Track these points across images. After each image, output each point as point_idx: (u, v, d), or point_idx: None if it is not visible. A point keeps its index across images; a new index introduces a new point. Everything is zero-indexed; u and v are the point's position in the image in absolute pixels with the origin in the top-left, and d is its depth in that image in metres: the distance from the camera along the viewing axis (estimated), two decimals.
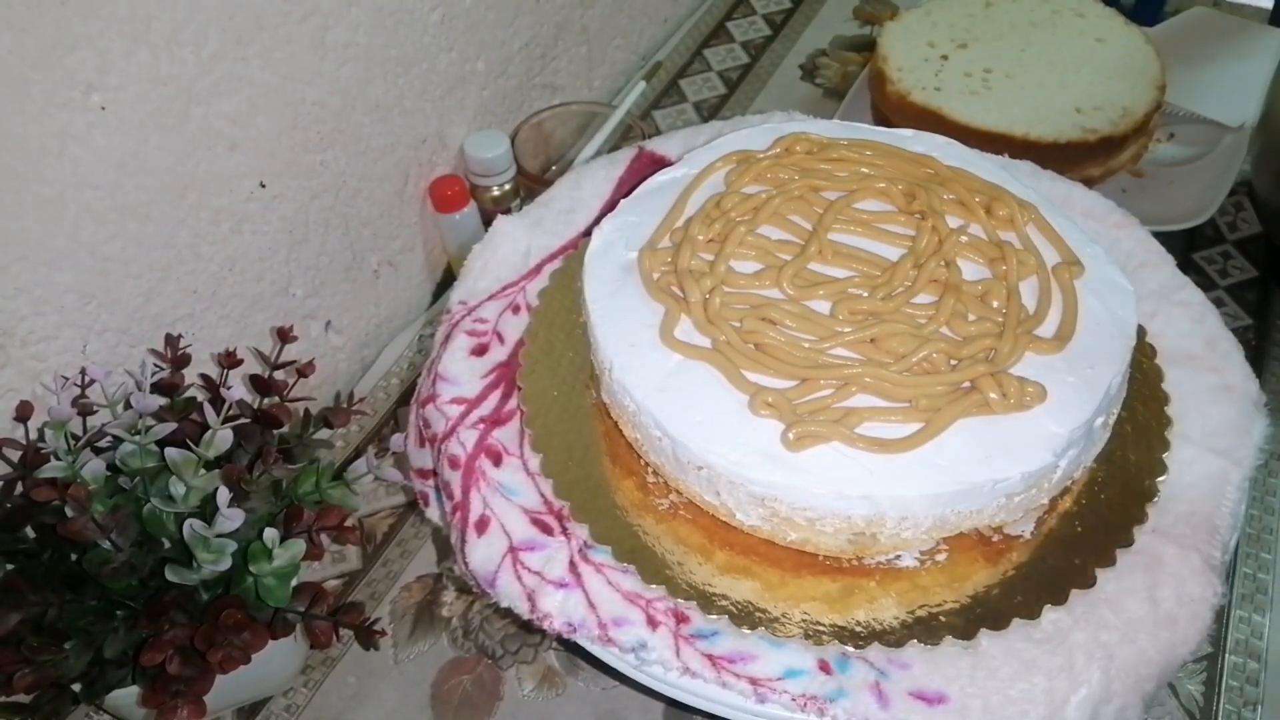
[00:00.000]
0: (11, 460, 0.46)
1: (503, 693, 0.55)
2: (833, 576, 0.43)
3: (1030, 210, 0.48)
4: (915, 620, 0.41)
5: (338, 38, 0.59)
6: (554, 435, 0.48)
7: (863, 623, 0.41)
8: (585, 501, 0.45)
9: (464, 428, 0.49)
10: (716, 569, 0.43)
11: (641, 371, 0.43)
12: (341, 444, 0.66)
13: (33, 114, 0.44)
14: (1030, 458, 0.40)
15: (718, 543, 0.44)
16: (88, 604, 0.46)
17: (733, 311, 0.44)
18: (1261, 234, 0.76)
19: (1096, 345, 0.43)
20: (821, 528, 0.41)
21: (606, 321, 0.46)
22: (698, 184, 0.51)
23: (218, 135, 0.53)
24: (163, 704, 0.44)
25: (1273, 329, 0.70)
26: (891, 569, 0.43)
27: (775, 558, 0.43)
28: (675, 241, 0.48)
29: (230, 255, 0.57)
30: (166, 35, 0.48)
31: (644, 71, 0.91)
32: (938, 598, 0.42)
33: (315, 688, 0.55)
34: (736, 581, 0.43)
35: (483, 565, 0.44)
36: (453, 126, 0.71)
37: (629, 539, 0.44)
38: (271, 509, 0.48)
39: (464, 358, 0.52)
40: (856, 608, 0.42)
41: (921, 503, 0.40)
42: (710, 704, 0.42)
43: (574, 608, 0.43)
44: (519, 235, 0.57)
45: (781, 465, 0.40)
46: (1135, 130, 0.72)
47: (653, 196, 0.51)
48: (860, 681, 0.40)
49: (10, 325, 0.47)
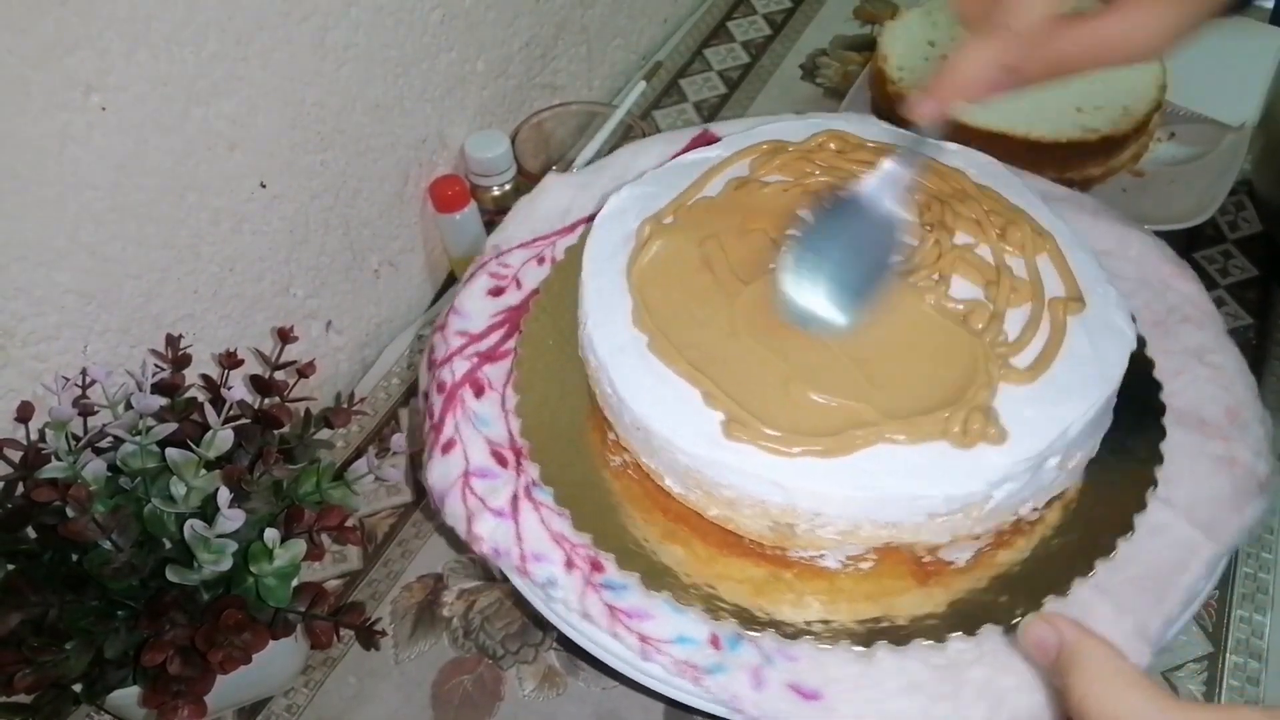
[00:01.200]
0: (12, 461, 0.46)
1: (503, 693, 0.55)
2: (755, 561, 0.44)
3: (1046, 240, 0.46)
4: (819, 619, 0.42)
5: (338, 38, 0.59)
6: (537, 380, 0.50)
7: (766, 610, 0.42)
8: (544, 445, 0.47)
9: (459, 357, 0.52)
10: (655, 531, 0.45)
11: (609, 331, 0.45)
12: (342, 444, 0.66)
13: (33, 114, 0.44)
14: (958, 482, 0.39)
15: (659, 507, 0.46)
16: (88, 604, 0.46)
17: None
18: (1262, 233, 0.76)
19: (1070, 385, 0.41)
20: (740, 509, 0.42)
21: (594, 281, 0.47)
22: (723, 167, 0.51)
23: (218, 135, 0.53)
24: (163, 704, 0.44)
25: (1273, 328, 0.70)
26: (812, 566, 0.43)
27: (706, 531, 0.44)
28: (680, 219, 0.49)
29: (230, 255, 0.57)
30: (166, 35, 0.48)
31: (644, 71, 0.91)
32: (850, 603, 0.42)
33: (316, 688, 0.55)
34: (665, 546, 0.44)
35: (438, 482, 0.48)
36: (453, 126, 0.71)
37: (573, 487, 0.46)
38: (272, 509, 0.48)
39: (481, 296, 0.55)
40: (767, 595, 0.43)
41: (833, 502, 0.40)
42: (601, 652, 0.44)
43: (503, 536, 0.46)
44: (564, 193, 0.58)
45: (706, 440, 0.41)
46: (1136, 129, 0.72)
47: (678, 172, 0.52)
48: (743, 662, 0.41)
49: (11, 326, 0.47)
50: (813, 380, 0.41)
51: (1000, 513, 0.41)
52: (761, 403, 0.41)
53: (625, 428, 0.44)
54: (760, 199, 0.49)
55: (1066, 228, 0.48)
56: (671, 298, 0.45)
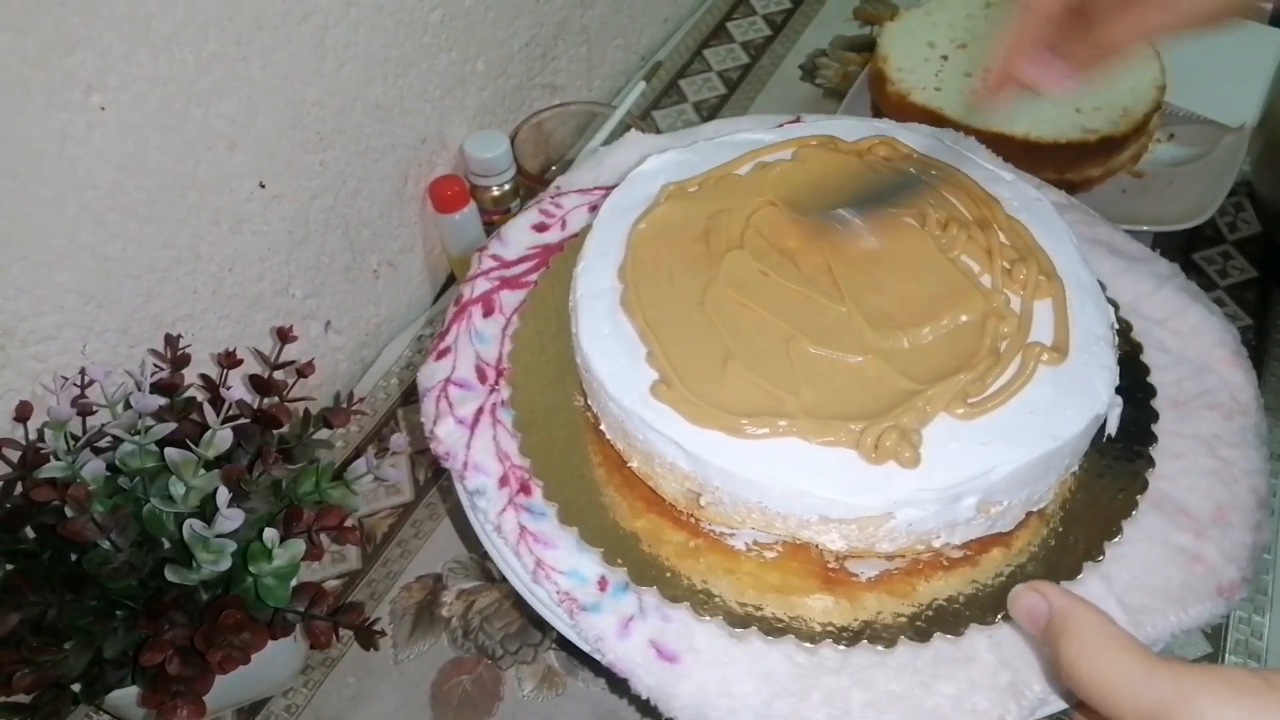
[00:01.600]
0: (11, 460, 0.46)
1: (502, 693, 0.55)
2: (675, 525, 0.44)
3: (1053, 286, 0.45)
4: (703, 590, 0.42)
5: (337, 38, 0.59)
6: (542, 312, 0.52)
7: (657, 568, 0.43)
8: (523, 372, 0.49)
9: (484, 278, 0.55)
10: (599, 474, 0.46)
11: (594, 277, 0.46)
12: (341, 444, 0.66)
13: (32, 114, 0.44)
14: (852, 492, 0.39)
15: (602, 453, 0.47)
16: (87, 604, 0.46)
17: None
18: (1261, 234, 0.76)
19: (1010, 431, 0.40)
20: (654, 466, 0.43)
21: (601, 230, 0.48)
22: (768, 151, 0.52)
23: (217, 135, 0.53)
24: (162, 704, 0.44)
25: (1273, 329, 0.70)
26: (719, 542, 0.43)
27: (636, 484, 0.45)
28: (702, 190, 0.50)
29: (230, 255, 0.57)
30: (166, 35, 0.48)
31: (644, 72, 0.91)
32: (741, 584, 0.42)
33: (315, 688, 0.55)
34: (601, 489, 0.46)
35: (425, 381, 0.51)
36: (453, 126, 0.71)
37: (534, 415, 0.48)
38: (271, 509, 0.48)
39: (525, 228, 0.57)
40: (667, 555, 0.43)
41: (725, 478, 0.40)
42: (504, 565, 0.46)
43: (456, 441, 0.48)
44: (637, 151, 0.59)
45: (634, 395, 0.42)
46: (1135, 130, 0.72)
47: (723, 148, 0.52)
48: (619, 609, 0.43)
49: (10, 325, 0.47)
50: (752, 364, 0.42)
51: (905, 537, 0.41)
52: (695, 373, 0.42)
53: (579, 368, 0.46)
54: (783, 183, 0.49)
55: (1092, 281, 0.46)
56: (660, 258, 0.46)
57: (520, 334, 0.51)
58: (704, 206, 0.48)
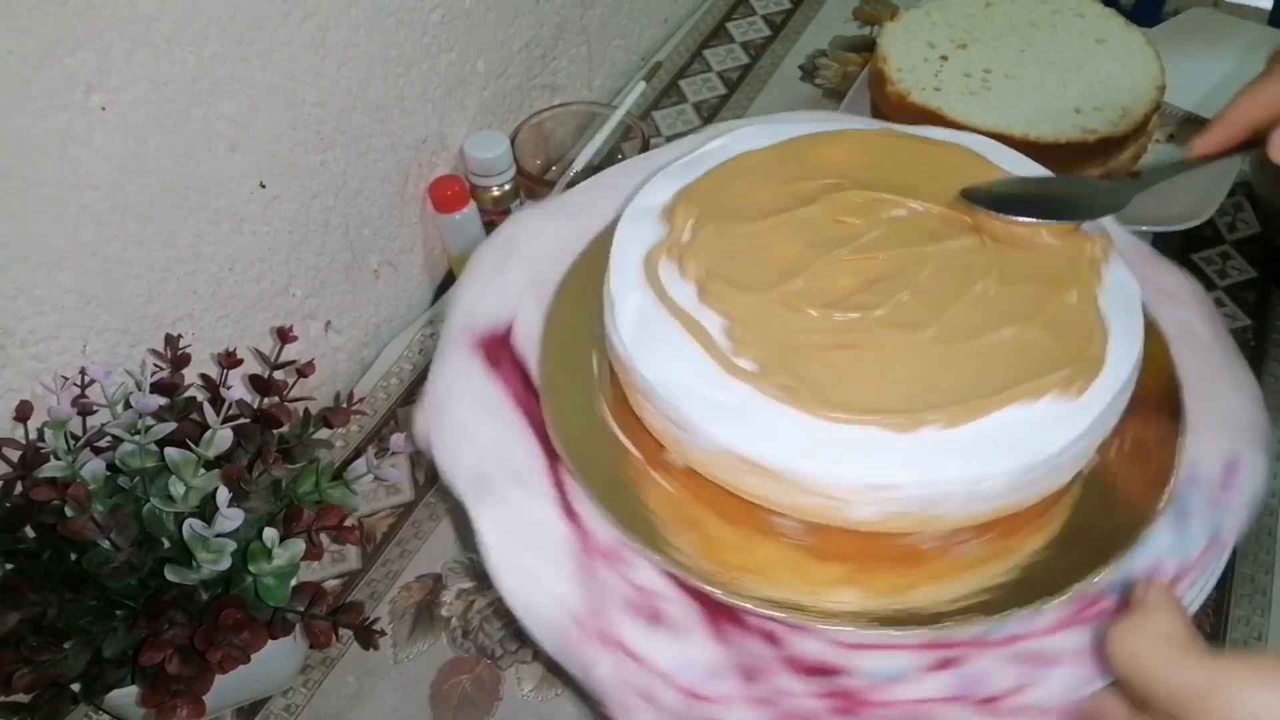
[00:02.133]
0: (11, 460, 0.46)
1: (502, 693, 0.55)
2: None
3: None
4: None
5: (338, 38, 0.59)
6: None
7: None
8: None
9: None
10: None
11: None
12: (341, 444, 0.66)
13: (33, 114, 0.44)
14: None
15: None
16: (87, 604, 0.46)
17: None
18: (1260, 234, 0.76)
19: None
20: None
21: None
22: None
23: (218, 136, 0.53)
24: (162, 704, 0.44)
25: (1271, 329, 0.70)
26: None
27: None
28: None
29: (230, 255, 0.57)
30: (167, 36, 0.48)
31: (644, 72, 0.91)
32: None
33: (315, 687, 0.55)
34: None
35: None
36: (453, 127, 0.72)
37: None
38: (271, 509, 0.48)
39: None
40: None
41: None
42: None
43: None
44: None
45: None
46: (1135, 131, 0.72)
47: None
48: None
49: (10, 325, 0.47)
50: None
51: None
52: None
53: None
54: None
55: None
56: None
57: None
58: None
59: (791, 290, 0.44)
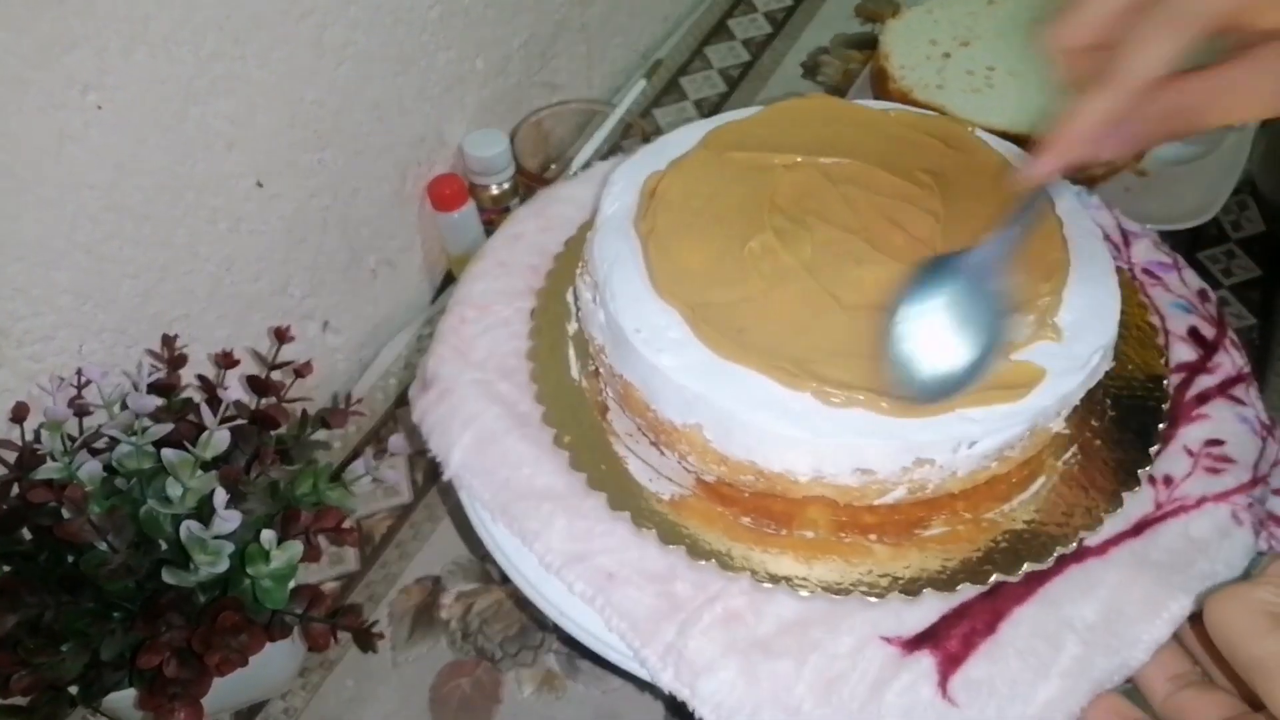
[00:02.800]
0: (8, 461, 0.46)
1: (502, 695, 0.55)
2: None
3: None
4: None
5: (336, 36, 0.58)
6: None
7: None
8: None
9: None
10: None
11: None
12: (339, 445, 0.65)
13: (30, 113, 0.44)
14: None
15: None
16: (84, 606, 0.45)
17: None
18: (1265, 233, 0.75)
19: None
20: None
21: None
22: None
23: (215, 134, 0.53)
24: (160, 706, 0.44)
25: (1277, 328, 0.70)
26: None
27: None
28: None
29: (228, 255, 0.57)
30: (164, 34, 0.48)
31: (644, 69, 0.91)
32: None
33: (313, 690, 0.55)
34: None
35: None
36: (451, 125, 0.71)
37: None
38: (269, 510, 0.48)
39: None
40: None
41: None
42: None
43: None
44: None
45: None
46: None
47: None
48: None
49: (6, 325, 0.47)
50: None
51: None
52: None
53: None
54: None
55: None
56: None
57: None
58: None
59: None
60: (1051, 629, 0.40)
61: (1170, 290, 0.51)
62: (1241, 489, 0.43)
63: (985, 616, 0.40)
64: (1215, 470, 0.44)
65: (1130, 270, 0.52)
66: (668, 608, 0.40)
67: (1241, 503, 0.43)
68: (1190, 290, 0.52)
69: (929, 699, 0.38)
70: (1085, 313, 0.42)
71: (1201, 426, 0.46)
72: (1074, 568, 0.41)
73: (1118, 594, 0.40)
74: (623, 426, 0.46)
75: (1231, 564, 0.41)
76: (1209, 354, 0.49)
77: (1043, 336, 0.41)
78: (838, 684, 0.39)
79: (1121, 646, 0.39)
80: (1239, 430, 0.46)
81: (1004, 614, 0.40)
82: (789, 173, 0.47)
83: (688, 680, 0.39)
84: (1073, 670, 0.39)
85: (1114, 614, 0.40)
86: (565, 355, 0.49)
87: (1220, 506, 0.43)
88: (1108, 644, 0.39)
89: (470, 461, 0.45)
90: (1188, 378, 0.48)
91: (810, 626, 0.40)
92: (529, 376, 0.48)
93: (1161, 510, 0.43)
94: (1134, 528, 0.43)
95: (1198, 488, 0.43)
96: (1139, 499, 0.43)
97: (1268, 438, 0.46)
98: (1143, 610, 0.40)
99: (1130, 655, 0.39)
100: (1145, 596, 0.40)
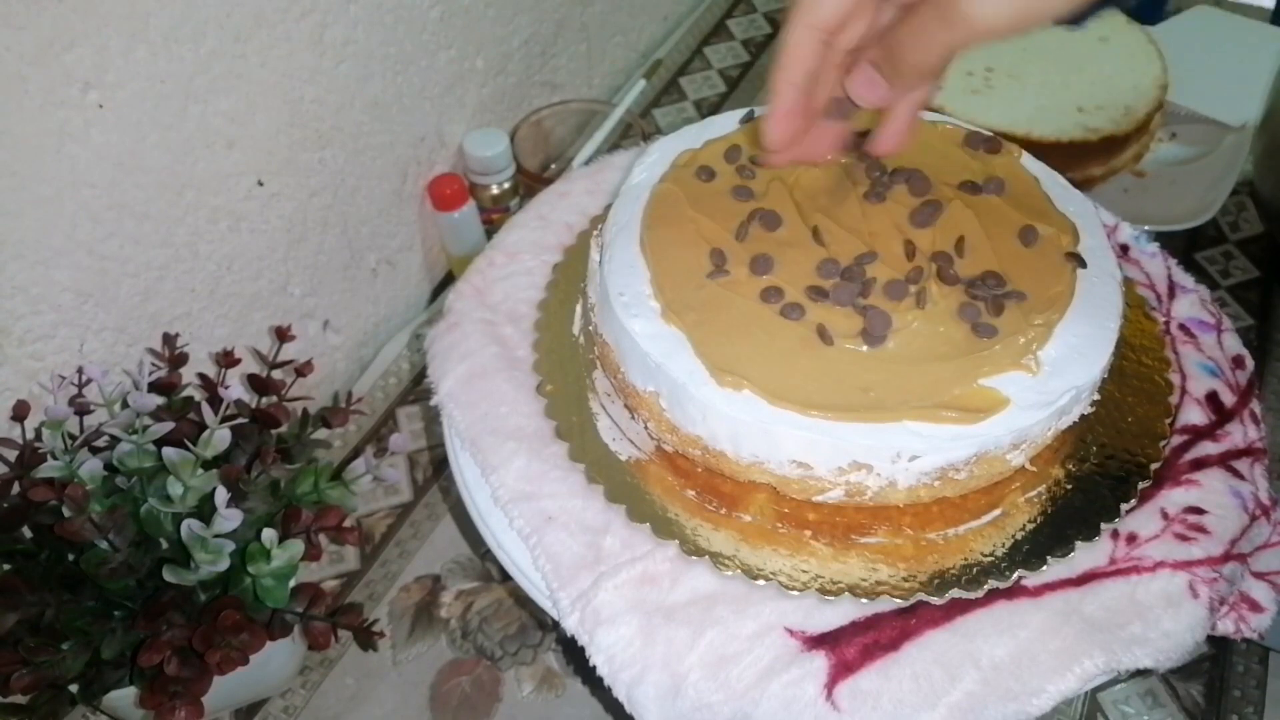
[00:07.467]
0: (8, 460, 0.46)
1: (502, 694, 0.55)
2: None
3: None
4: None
5: (336, 35, 0.58)
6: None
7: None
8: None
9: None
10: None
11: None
12: (339, 444, 0.66)
13: (30, 112, 0.44)
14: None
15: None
16: (85, 604, 0.45)
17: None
18: (1264, 234, 0.76)
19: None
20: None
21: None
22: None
23: (216, 133, 0.53)
24: (160, 705, 0.44)
25: (1275, 329, 0.70)
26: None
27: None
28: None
29: (228, 254, 0.57)
30: (164, 33, 0.48)
31: (644, 69, 0.91)
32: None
33: (313, 689, 0.55)
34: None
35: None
36: (452, 124, 0.71)
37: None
38: (269, 509, 0.48)
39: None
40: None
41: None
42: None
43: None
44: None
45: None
46: (1137, 129, 0.72)
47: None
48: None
49: (7, 324, 0.47)
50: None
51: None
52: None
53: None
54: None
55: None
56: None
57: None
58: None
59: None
60: (955, 660, 0.39)
61: (1202, 351, 0.49)
62: (1208, 562, 0.41)
63: (892, 633, 0.39)
64: (1185, 538, 0.42)
65: (1166, 325, 0.50)
66: (592, 558, 0.42)
67: (1204, 575, 0.41)
68: (1224, 354, 0.50)
69: (811, 698, 0.38)
70: (1071, 352, 0.41)
71: (1188, 492, 0.44)
72: (1002, 604, 0.40)
73: (1036, 640, 0.39)
74: (603, 386, 0.47)
75: (1170, 634, 0.39)
76: (1221, 421, 0.47)
77: (1020, 367, 0.40)
78: (729, 663, 0.39)
79: (1022, 693, 0.38)
80: (1227, 503, 0.43)
81: (914, 634, 0.40)
82: (807, 173, 0.47)
83: (590, 628, 0.40)
84: (962, 705, 0.38)
85: (1026, 658, 0.38)
86: (572, 311, 0.50)
87: (1178, 575, 0.41)
88: (1008, 687, 0.38)
89: (457, 392, 0.47)
90: (1190, 441, 0.46)
91: (719, 603, 0.40)
92: (533, 325, 0.50)
93: (1114, 566, 0.41)
94: (1079, 578, 0.41)
95: (1159, 551, 0.42)
96: (1093, 550, 0.41)
97: (1260, 517, 0.44)
98: (1056, 661, 0.38)
99: (1029, 704, 0.38)
100: (1063, 648, 0.39)
